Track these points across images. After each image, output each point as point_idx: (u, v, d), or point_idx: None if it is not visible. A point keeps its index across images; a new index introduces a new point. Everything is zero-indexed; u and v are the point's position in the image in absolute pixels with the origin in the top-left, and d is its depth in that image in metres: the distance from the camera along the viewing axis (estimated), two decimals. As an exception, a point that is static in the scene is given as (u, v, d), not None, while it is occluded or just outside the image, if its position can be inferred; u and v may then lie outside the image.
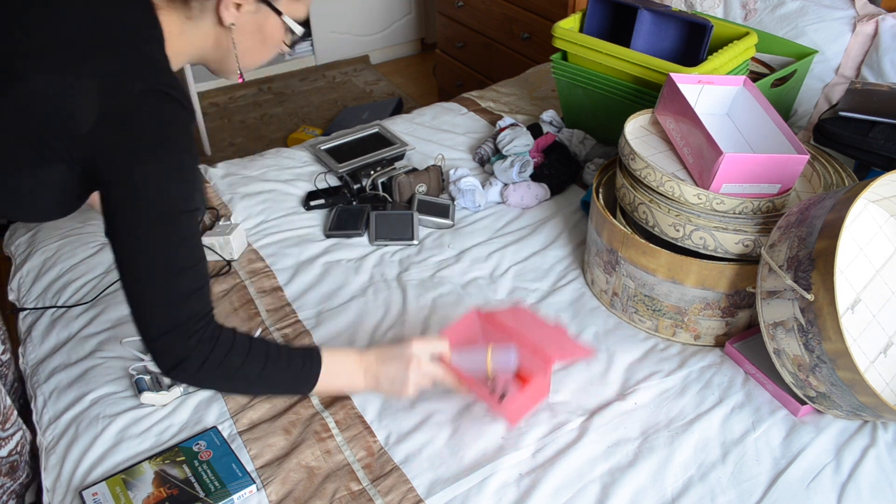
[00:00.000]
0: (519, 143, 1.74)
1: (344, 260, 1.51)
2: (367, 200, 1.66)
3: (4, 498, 1.18)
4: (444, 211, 1.63)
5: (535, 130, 1.87)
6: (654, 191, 1.25)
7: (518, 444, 1.12)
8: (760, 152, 1.29)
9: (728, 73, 1.60)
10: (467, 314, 1.20)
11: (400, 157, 1.84)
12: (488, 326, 1.19)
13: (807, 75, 1.82)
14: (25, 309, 1.42)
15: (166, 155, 0.85)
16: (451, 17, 3.11)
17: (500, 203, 1.70)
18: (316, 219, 1.64)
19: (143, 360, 1.25)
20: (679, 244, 1.24)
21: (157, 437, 1.15)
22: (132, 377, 1.21)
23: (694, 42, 1.63)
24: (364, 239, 1.58)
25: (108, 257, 1.51)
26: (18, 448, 1.18)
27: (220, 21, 0.94)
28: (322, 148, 1.87)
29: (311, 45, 3.69)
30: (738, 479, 1.07)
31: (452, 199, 1.68)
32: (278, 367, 0.99)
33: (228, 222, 1.58)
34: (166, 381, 1.20)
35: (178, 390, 1.20)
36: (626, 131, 1.35)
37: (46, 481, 1.11)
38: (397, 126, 2.01)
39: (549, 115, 1.90)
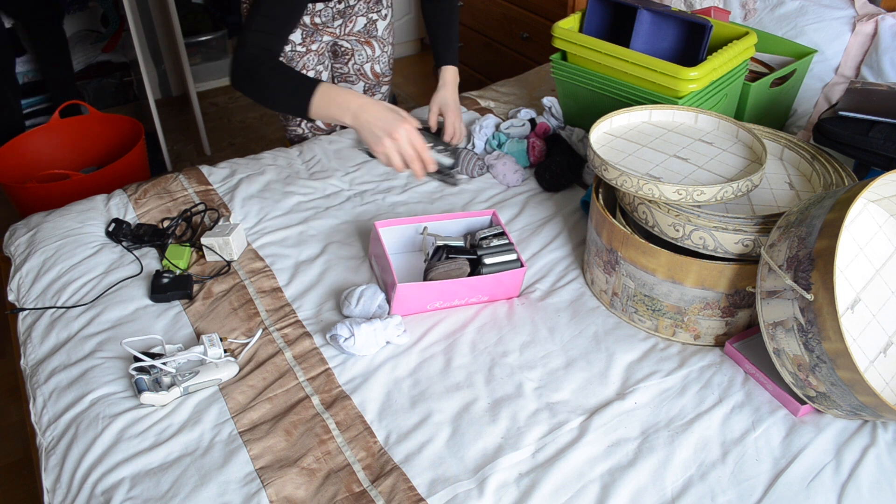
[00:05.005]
0: (517, 122, 1.85)
1: (344, 258, 1.51)
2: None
3: None
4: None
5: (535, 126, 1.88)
6: (634, 196, 1.26)
7: (518, 444, 1.12)
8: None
9: (728, 73, 1.60)
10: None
11: None
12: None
13: (806, 75, 1.82)
14: (25, 309, 1.42)
15: None
16: (451, 17, 3.11)
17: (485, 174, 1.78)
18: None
19: (142, 360, 1.25)
20: (679, 244, 1.24)
21: (156, 437, 1.15)
22: (132, 377, 1.21)
23: (693, 42, 1.63)
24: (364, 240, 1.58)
25: (108, 257, 1.51)
26: None
27: None
28: None
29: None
30: (738, 478, 1.07)
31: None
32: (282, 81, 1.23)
33: (228, 223, 1.58)
34: (166, 381, 1.20)
35: (177, 390, 1.20)
36: (593, 141, 1.35)
37: (46, 482, 1.11)
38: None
39: (549, 101, 1.90)
